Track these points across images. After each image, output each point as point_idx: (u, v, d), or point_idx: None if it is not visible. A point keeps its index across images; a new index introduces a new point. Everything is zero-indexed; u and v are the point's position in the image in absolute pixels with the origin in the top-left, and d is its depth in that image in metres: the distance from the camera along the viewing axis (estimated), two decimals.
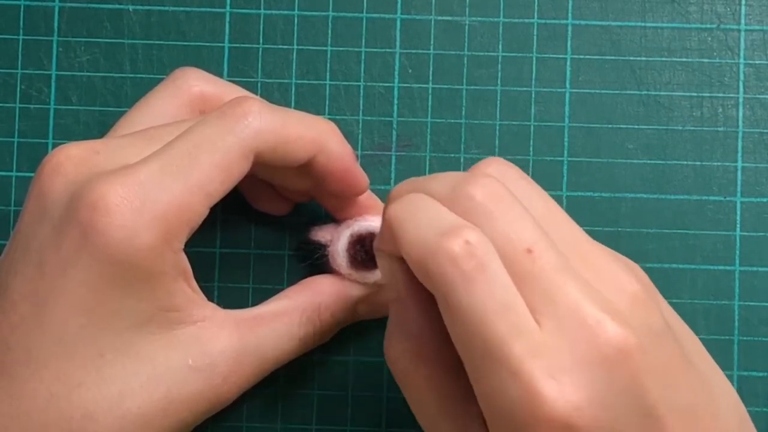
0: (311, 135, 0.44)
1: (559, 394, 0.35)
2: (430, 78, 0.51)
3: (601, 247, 0.40)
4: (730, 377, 0.48)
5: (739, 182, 0.50)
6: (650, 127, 0.50)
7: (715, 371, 0.42)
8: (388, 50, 0.51)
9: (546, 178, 0.50)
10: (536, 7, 0.51)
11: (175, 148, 0.42)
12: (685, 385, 0.38)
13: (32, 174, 0.43)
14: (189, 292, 0.43)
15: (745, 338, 0.49)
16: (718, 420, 0.39)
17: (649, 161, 0.50)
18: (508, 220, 0.38)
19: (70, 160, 0.42)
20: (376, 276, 0.46)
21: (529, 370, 0.36)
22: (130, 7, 0.51)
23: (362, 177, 0.46)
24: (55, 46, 0.51)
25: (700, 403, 0.39)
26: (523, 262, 0.37)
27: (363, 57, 0.51)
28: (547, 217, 0.39)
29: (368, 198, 0.48)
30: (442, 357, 0.40)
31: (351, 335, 0.49)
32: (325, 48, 0.51)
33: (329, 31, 0.51)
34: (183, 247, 0.42)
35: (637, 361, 0.36)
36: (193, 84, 0.46)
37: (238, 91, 0.47)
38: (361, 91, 0.51)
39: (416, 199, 0.39)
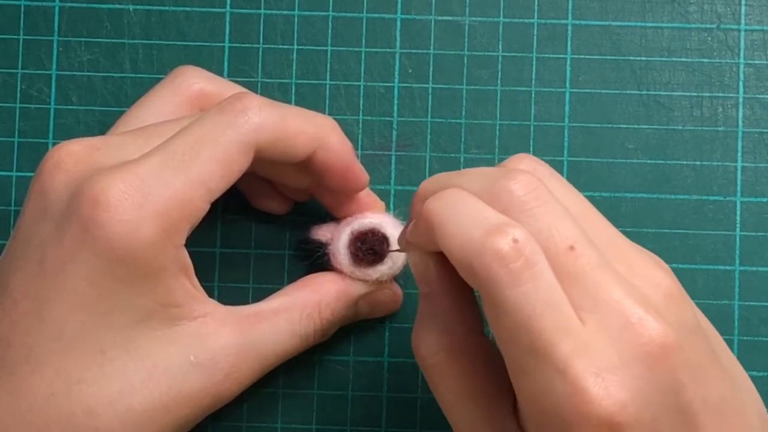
0: (311, 130, 0.44)
1: (605, 392, 0.35)
2: (430, 78, 0.51)
3: (631, 243, 0.40)
4: None
5: (739, 182, 0.50)
6: (650, 127, 0.50)
7: (738, 368, 0.42)
8: (388, 50, 0.51)
9: None
10: (536, 7, 0.51)
11: (176, 144, 0.42)
12: (715, 380, 0.38)
13: (32, 174, 0.43)
14: (190, 288, 0.43)
15: (745, 338, 0.49)
16: (745, 416, 0.39)
17: (649, 161, 0.50)
18: (549, 218, 0.38)
19: (71, 157, 0.42)
20: (377, 273, 0.46)
21: (576, 369, 0.36)
22: (130, 7, 0.51)
23: (362, 173, 0.46)
24: (55, 46, 0.51)
25: (728, 399, 0.38)
26: (565, 260, 0.37)
27: (363, 57, 0.51)
28: (582, 214, 0.39)
29: (368, 195, 0.48)
30: (474, 352, 0.40)
31: (351, 335, 0.49)
32: (325, 48, 0.51)
33: (329, 31, 0.51)
34: (184, 242, 0.42)
35: (675, 357, 0.36)
36: (193, 82, 0.47)
37: (238, 89, 0.47)
38: (361, 91, 0.51)
39: (456, 195, 0.39)
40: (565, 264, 0.37)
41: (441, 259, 0.40)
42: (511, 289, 0.37)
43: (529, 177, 0.39)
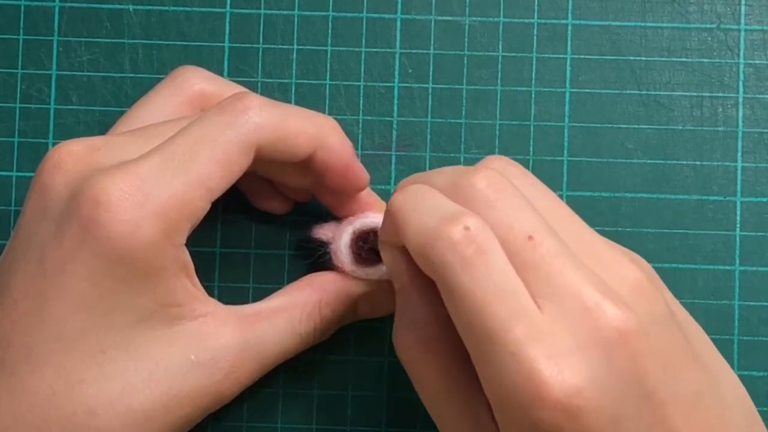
0: (312, 130, 0.44)
1: (560, 375, 0.36)
2: (430, 78, 0.51)
3: (603, 238, 0.40)
4: None
5: (739, 182, 0.50)
6: (650, 127, 0.50)
7: (722, 365, 0.42)
8: (388, 50, 0.51)
9: (546, 178, 0.49)
10: (536, 7, 0.51)
11: (176, 144, 0.42)
12: (688, 373, 0.38)
13: (33, 174, 0.43)
14: (190, 288, 0.43)
15: (745, 338, 0.49)
16: (724, 413, 0.39)
17: (649, 161, 0.50)
18: (509, 209, 0.38)
19: (71, 157, 0.42)
20: (378, 272, 0.46)
21: (530, 353, 0.36)
22: (130, 7, 0.51)
23: (362, 173, 0.46)
24: (55, 46, 0.51)
25: (705, 394, 0.38)
26: (524, 249, 0.38)
27: (363, 57, 0.51)
28: (549, 209, 0.40)
29: (368, 195, 0.48)
30: (449, 345, 0.40)
31: (351, 335, 0.49)
32: (325, 48, 0.51)
33: (329, 31, 0.51)
34: (184, 242, 0.42)
35: (637, 343, 0.37)
36: (194, 82, 0.47)
37: (238, 89, 0.47)
38: (361, 91, 0.51)
39: (419, 189, 0.40)
40: (524, 253, 0.38)
41: (410, 254, 0.40)
42: (463, 276, 0.37)
43: (492, 172, 0.39)
